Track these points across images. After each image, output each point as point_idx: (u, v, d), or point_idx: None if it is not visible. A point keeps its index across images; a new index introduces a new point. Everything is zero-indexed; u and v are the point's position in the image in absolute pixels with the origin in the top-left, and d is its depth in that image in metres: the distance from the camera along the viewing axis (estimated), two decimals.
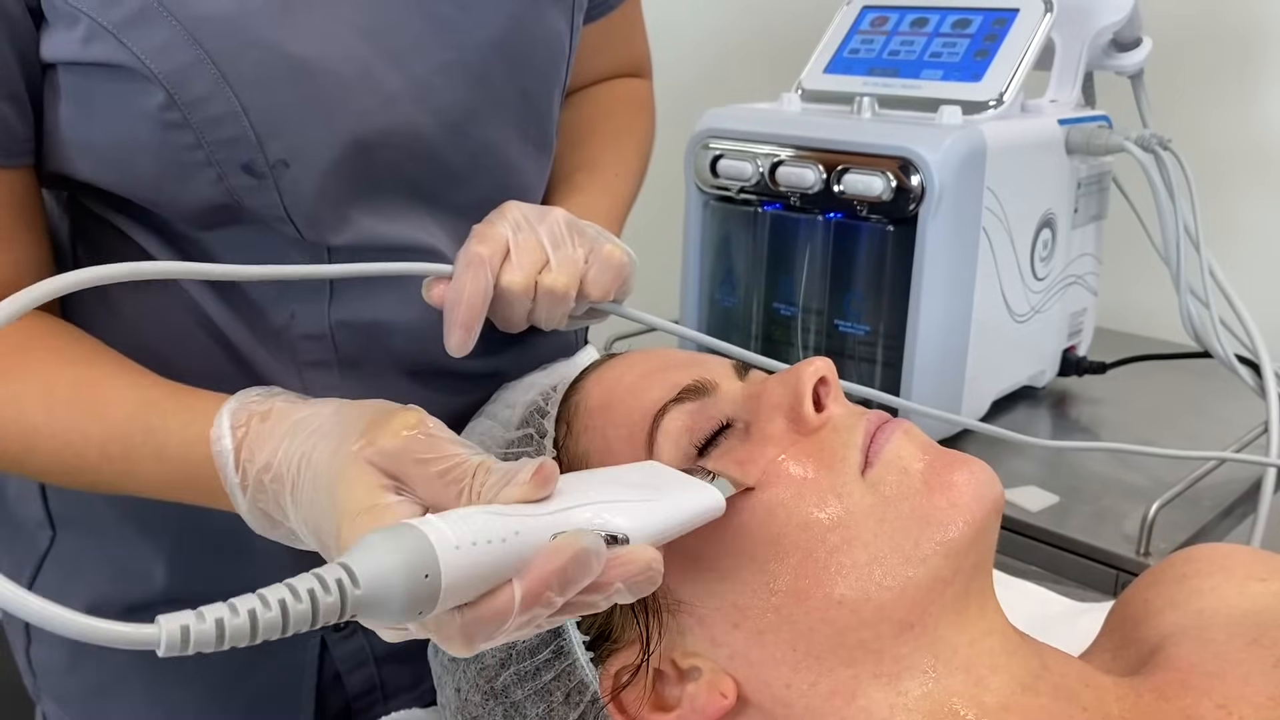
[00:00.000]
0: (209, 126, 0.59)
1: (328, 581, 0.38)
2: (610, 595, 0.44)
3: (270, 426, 0.54)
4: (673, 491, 0.49)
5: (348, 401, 0.54)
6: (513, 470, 0.45)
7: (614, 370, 0.62)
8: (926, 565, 0.51)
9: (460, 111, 0.67)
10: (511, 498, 0.44)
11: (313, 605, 0.37)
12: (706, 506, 0.49)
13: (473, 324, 0.62)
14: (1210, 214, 1.14)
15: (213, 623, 0.36)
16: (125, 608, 0.73)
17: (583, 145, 0.83)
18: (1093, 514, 0.96)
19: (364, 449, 0.48)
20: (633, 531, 0.45)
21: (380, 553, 0.40)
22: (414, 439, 0.48)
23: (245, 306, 0.67)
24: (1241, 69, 1.32)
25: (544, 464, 0.45)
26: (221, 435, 0.55)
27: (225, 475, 0.55)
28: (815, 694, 0.51)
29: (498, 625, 0.42)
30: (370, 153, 0.63)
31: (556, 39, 0.72)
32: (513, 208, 0.66)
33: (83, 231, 0.69)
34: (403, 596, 0.39)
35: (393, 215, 0.67)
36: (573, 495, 0.45)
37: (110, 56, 0.58)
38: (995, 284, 1.05)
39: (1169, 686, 0.53)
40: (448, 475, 0.46)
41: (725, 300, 1.15)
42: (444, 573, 0.40)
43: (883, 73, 1.11)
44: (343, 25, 0.62)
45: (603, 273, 0.66)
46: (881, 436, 0.54)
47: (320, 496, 0.49)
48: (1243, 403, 1.12)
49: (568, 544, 0.42)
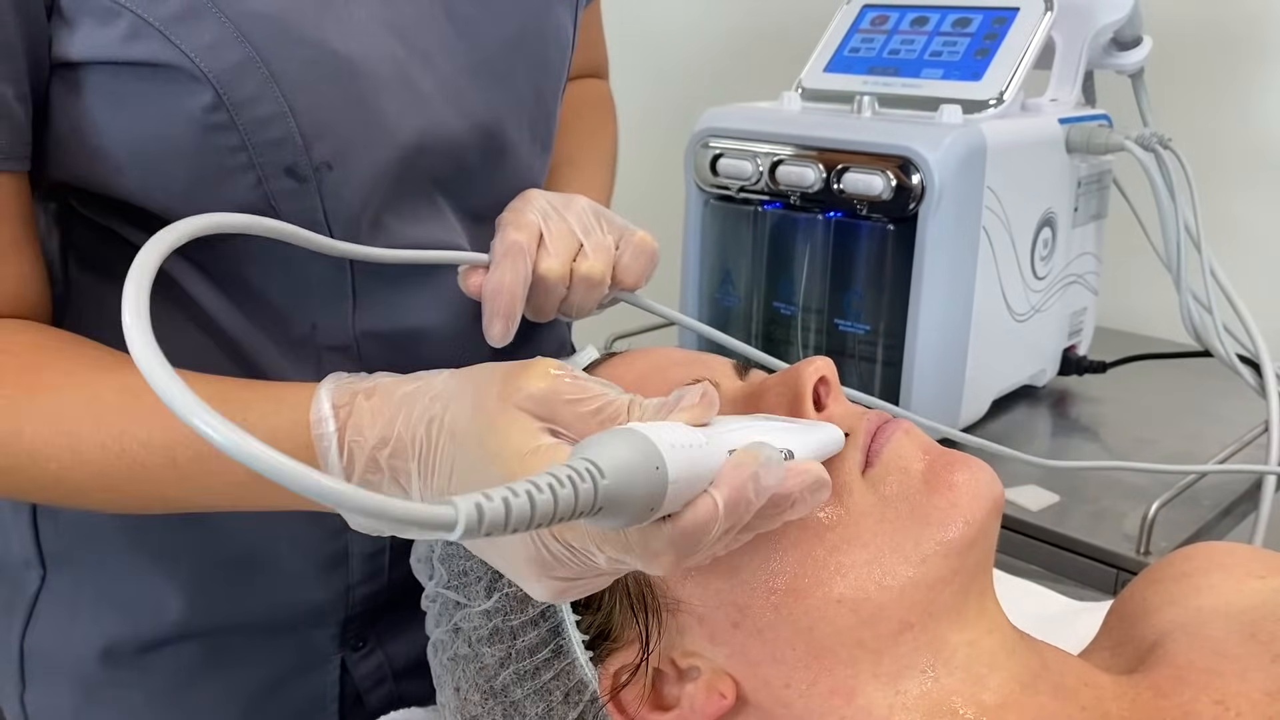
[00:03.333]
0: (256, 128, 0.58)
1: (580, 470, 0.37)
2: (791, 509, 0.44)
3: (377, 403, 0.50)
4: (805, 424, 0.51)
5: (458, 370, 0.51)
6: (672, 400, 0.45)
7: (614, 369, 0.62)
8: (926, 565, 0.51)
9: (485, 112, 0.66)
10: (680, 420, 0.43)
11: (575, 492, 0.37)
12: (834, 437, 0.51)
13: (514, 313, 0.61)
14: (1211, 213, 1.14)
15: (500, 501, 0.34)
16: (140, 647, 0.70)
17: (560, 142, 0.82)
18: (1093, 513, 0.96)
19: (511, 396, 0.45)
20: (797, 448, 0.46)
21: (612, 447, 0.39)
22: (560, 380, 0.46)
23: (264, 319, 0.65)
24: (1242, 68, 1.32)
25: (707, 389, 0.44)
26: (324, 418, 0.50)
27: (328, 460, 0.50)
28: (814, 693, 0.51)
29: (702, 536, 0.41)
30: (408, 155, 0.63)
31: (564, 35, 0.72)
32: (537, 196, 0.65)
33: (75, 244, 0.66)
34: (643, 488, 0.39)
35: (421, 219, 0.66)
36: (723, 425, 0.46)
37: (155, 55, 0.56)
38: (995, 283, 1.05)
39: (1167, 683, 0.53)
40: (602, 413, 0.45)
41: (725, 299, 1.15)
42: (669, 468, 0.39)
43: (883, 72, 1.11)
44: (375, 23, 0.61)
45: (636, 259, 0.65)
46: (882, 436, 0.54)
47: (467, 453, 0.46)
48: (1243, 402, 1.12)
49: (753, 453, 0.42)
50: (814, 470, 0.45)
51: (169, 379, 0.35)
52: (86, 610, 0.71)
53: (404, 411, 0.49)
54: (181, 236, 0.44)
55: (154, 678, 0.71)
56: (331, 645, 0.75)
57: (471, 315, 0.62)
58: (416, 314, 0.67)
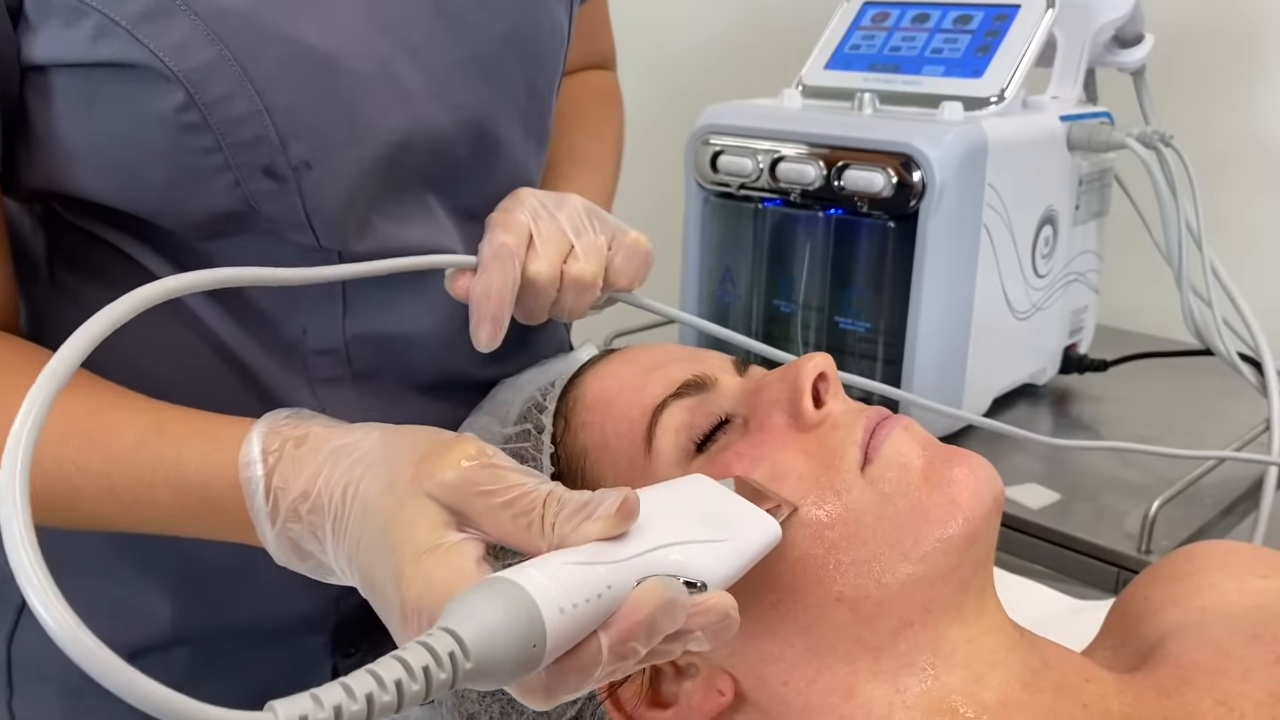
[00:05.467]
0: (229, 127, 0.56)
1: (440, 657, 0.35)
2: (689, 643, 0.43)
3: (306, 453, 0.50)
4: (736, 525, 0.47)
5: (392, 427, 0.50)
6: (590, 504, 0.42)
7: (613, 366, 0.62)
8: (926, 562, 0.51)
9: (476, 108, 0.65)
10: (592, 534, 0.41)
11: (427, 683, 0.35)
12: (768, 541, 0.48)
13: (502, 317, 0.60)
14: (1212, 211, 1.14)
15: (331, 710, 0.33)
16: (129, 652, 0.67)
17: (562, 137, 0.81)
18: (1094, 512, 0.96)
19: (422, 481, 0.45)
20: (711, 578, 0.43)
21: (486, 617, 0.37)
22: (475, 469, 0.45)
23: (254, 322, 0.64)
24: (1243, 65, 1.32)
25: (628, 498, 0.42)
26: (252, 461, 0.50)
27: (253, 504, 0.50)
28: (813, 691, 0.51)
29: (584, 679, 0.40)
30: (392, 152, 0.61)
31: (558, 29, 0.71)
32: (528, 195, 0.65)
33: (61, 247, 0.65)
34: (512, 666, 0.37)
35: (410, 218, 0.64)
36: (642, 530, 0.43)
37: (123, 55, 0.54)
38: (996, 281, 1.05)
39: (1169, 683, 0.53)
40: (515, 507, 0.43)
41: (725, 297, 1.15)
42: (549, 638, 0.37)
43: (884, 69, 1.11)
44: (359, 19, 0.59)
45: (628, 261, 0.65)
46: (881, 433, 0.54)
47: (372, 534, 0.46)
48: (1244, 400, 1.11)
49: (653, 594, 0.40)
50: (720, 608, 0.42)
51: (31, 559, 0.33)
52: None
53: (327, 469, 0.49)
54: (117, 320, 0.44)
55: None
56: (323, 652, 0.74)
57: (463, 319, 0.61)
58: (407, 318, 0.66)
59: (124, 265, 0.63)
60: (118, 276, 0.63)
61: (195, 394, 0.60)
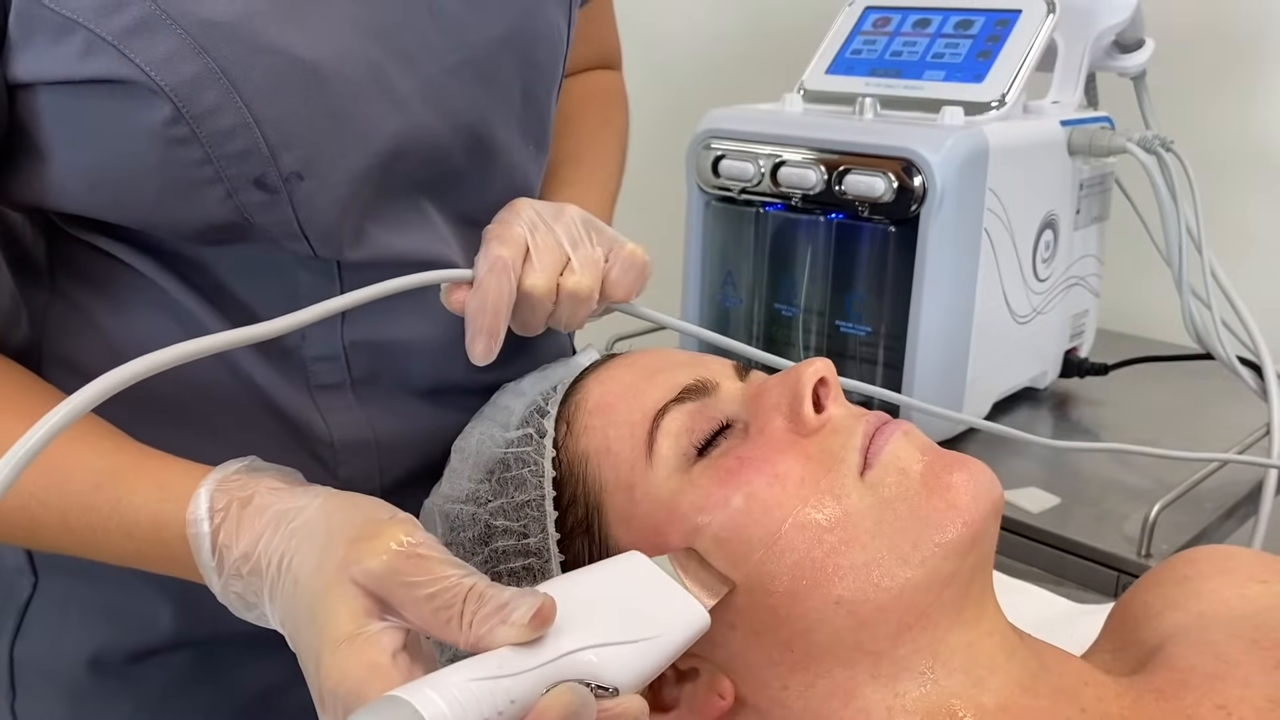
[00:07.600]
0: (219, 140, 0.56)
1: None
2: None
3: (251, 513, 0.51)
4: (663, 616, 0.48)
5: (336, 495, 0.51)
6: (507, 606, 0.43)
7: (614, 370, 0.62)
8: (925, 567, 0.51)
9: (471, 113, 0.65)
10: (505, 639, 0.43)
11: None
12: (695, 631, 0.48)
13: (498, 330, 0.60)
14: (1212, 215, 1.14)
15: None
16: (129, 656, 0.69)
17: (563, 139, 0.81)
18: (1094, 516, 0.96)
19: (349, 566, 0.46)
20: (624, 682, 0.44)
21: None
22: (401, 558, 0.45)
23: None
24: (1244, 70, 1.32)
25: (543, 606, 0.43)
26: (200, 519, 0.52)
27: (200, 557, 0.52)
28: (812, 695, 0.51)
29: None
30: (385, 160, 0.61)
31: (556, 33, 0.71)
32: (525, 205, 0.64)
33: (61, 255, 0.65)
34: None
35: (405, 226, 0.64)
36: (559, 630, 0.44)
37: (111, 71, 0.54)
38: (997, 285, 1.05)
39: (1169, 687, 0.53)
40: (437, 600, 0.44)
41: (727, 301, 1.15)
42: None
43: (885, 73, 1.11)
44: (351, 27, 0.59)
45: (625, 273, 0.64)
46: (881, 438, 0.54)
47: (300, 610, 0.47)
48: (1244, 404, 1.11)
49: (559, 704, 0.41)
50: (629, 714, 0.44)
51: None
52: (77, 618, 0.70)
53: (267, 534, 0.50)
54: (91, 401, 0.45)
55: (144, 687, 0.70)
56: None
57: (462, 326, 0.61)
58: (406, 324, 0.66)
59: (123, 273, 0.63)
60: (117, 284, 0.63)
61: (194, 402, 0.60)
